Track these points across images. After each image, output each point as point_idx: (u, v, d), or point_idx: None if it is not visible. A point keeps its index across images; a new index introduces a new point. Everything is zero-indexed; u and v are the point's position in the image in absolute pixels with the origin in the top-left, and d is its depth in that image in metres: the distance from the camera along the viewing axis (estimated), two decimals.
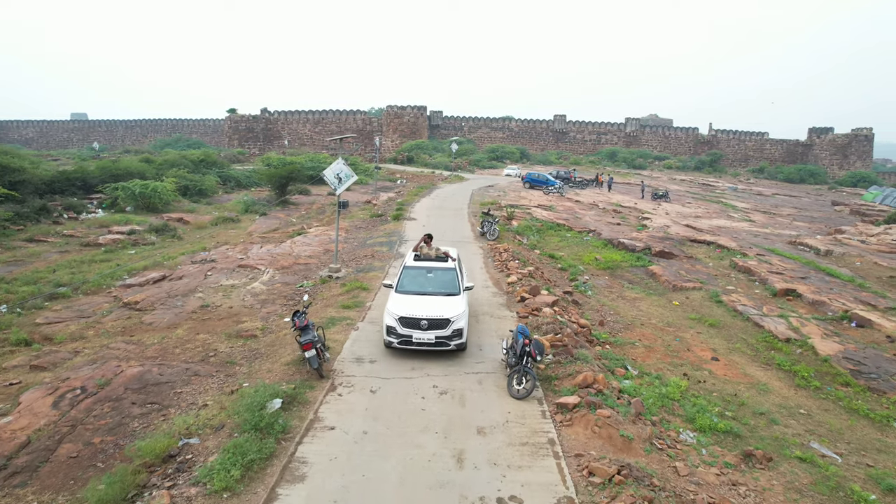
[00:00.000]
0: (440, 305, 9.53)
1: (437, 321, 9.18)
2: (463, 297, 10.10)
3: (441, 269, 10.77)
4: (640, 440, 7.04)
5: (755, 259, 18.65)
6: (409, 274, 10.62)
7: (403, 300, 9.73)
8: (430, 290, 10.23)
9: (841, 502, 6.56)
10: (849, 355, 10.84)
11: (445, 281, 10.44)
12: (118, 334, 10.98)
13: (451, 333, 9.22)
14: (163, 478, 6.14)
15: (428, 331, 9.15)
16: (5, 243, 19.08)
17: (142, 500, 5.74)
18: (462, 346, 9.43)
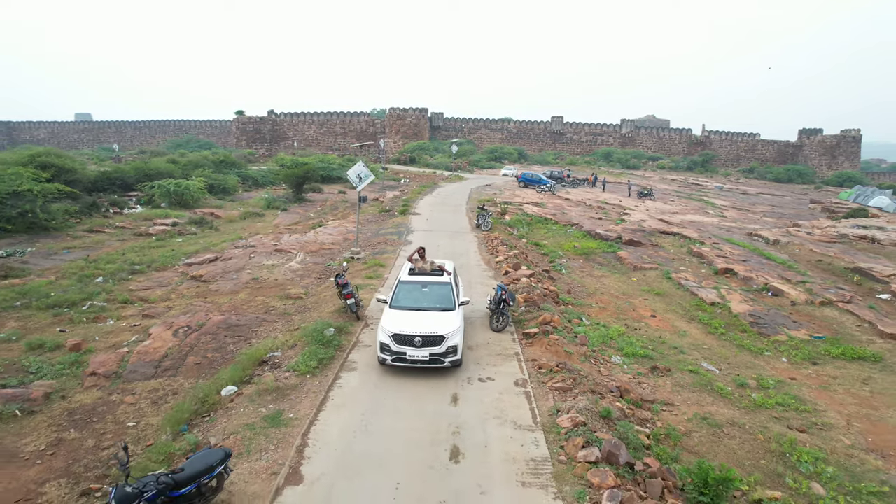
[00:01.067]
0: (435, 322, 9.51)
1: (431, 338, 9.15)
2: (458, 312, 10.05)
3: (436, 284, 10.76)
4: (578, 355, 10.44)
5: (709, 246, 22.05)
6: (403, 289, 10.60)
7: (397, 316, 9.68)
8: (424, 305, 10.18)
9: (706, 391, 9.97)
10: (754, 313, 14.25)
11: (441, 296, 10.41)
12: (194, 297, 14.39)
13: (445, 350, 9.17)
14: (262, 371, 9.55)
15: (422, 348, 9.11)
16: (72, 233, 22.49)
17: (254, 381, 9.14)
18: (457, 362, 9.35)
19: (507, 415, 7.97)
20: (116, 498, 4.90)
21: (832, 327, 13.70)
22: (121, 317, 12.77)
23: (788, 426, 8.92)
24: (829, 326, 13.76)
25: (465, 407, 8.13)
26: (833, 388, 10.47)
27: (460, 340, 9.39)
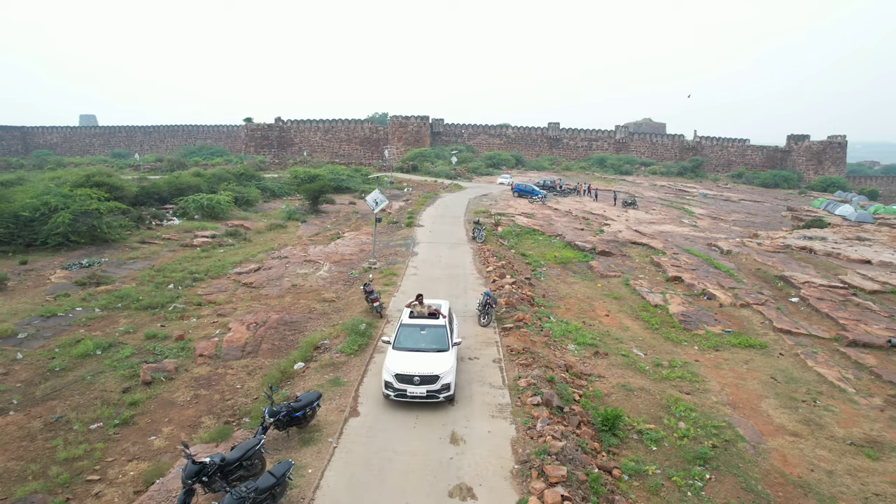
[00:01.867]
0: (431, 362, 10.87)
1: (428, 377, 10.51)
2: (452, 352, 11.40)
3: (432, 326, 12.12)
4: (540, 343, 14.68)
5: (669, 256, 26.28)
6: (404, 331, 11.98)
7: (399, 357, 11.14)
8: (423, 346, 11.54)
9: (630, 368, 14.21)
10: (685, 313, 18.49)
11: (437, 337, 11.76)
12: (251, 300, 18.63)
13: (440, 388, 10.52)
14: (319, 353, 13.77)
15: (420, 385, 10.49)
16: (128, 245, 26.74)
17: (315, 360, 13.37)
18: (450, 397, 10.73)
19: (486, 379, 12.21)
20: (269, 412, 9.14)
21: (742, 324, 17.93)
22: (200, 315, 17.04)
23: (680, 390, 13.16)
24: (740, 323, 18.00)
25: (460, 374, 12.36)
26: (722, 367, 14.71)
27: (453, 378, 10.76)
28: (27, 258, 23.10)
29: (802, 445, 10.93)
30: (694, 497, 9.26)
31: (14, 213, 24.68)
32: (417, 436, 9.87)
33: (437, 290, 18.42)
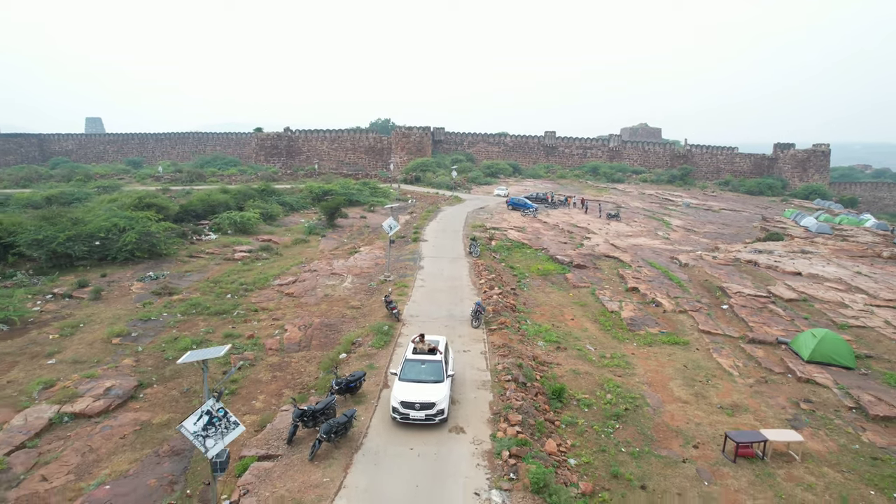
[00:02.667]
0: (429, 392, 13.57)
1: (426, 404, 13.32)
2: (447, 383, 14.01)
3: (431, 362, 14.65)
4: (517, 340, 20.11)
5: (632, 269, 31.70)
6: (408, 365, 14.61)
7: (403, 387, 13.79)
8: (423, 378, 14.08)
9: (581, 359, 19.64)
10: (633, 318, 23.91)
11: (434, 370, 14.36)
12: (295, 307, 24.04)
13: (435, 412, 13.35)
14: (356, 347, 19.21)
15: (420, 410, 13.23)
16: (179, 258, 32.18)
17: (354, 352, 18.80)
18: (444, 419, 13.62)
19: (474, 365, 17.63)
20: (335, 382, 14.59)
21: (676, 326, 23.35)
22: (259, 319, 22.49)
23: (613, 374, 18.59)
24: (675, 326, 23.42)
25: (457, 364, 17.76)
26: (650, 358, 20.13)
27: (447, 405, 13.65)
28: (105, 271, 28.61)
29: (687, 409, 16.37)
30: (605, 437, 14.70)
31: (91, 233, 30.15)
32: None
33: (440, 300, 23.90)
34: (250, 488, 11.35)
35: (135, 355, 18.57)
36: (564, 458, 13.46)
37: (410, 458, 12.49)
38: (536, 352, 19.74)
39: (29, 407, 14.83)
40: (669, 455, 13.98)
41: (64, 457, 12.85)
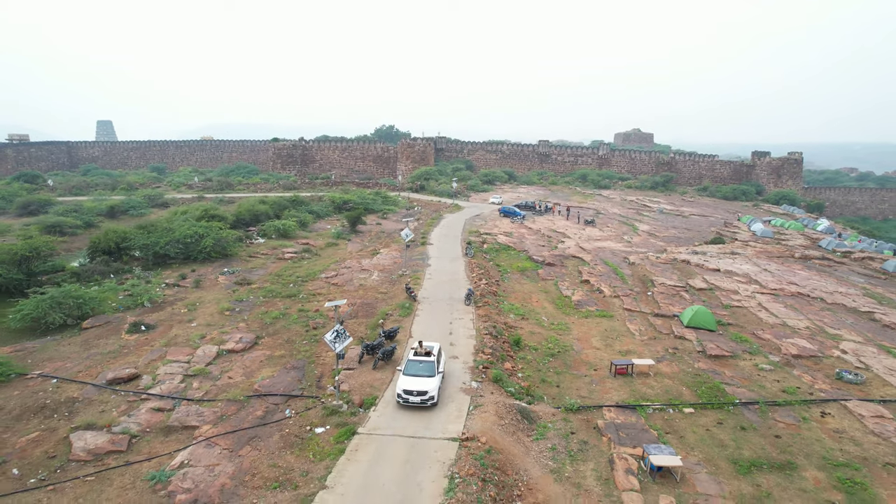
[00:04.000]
0: (423, 383, 19.22)
1: (421, 392, 18.96)
2: (437, 377, 19.54)
3: (426, 362, 20.10)
4: (495, 313, 30.56)
5: (590, 266, 42.10)
6: (409, 364, 20.26)
7: (405, 380, 19.49)
8: (420, 373, 19.69)
9: (538, 325, 30.08)
10: (580, 300, 34.36)
11: (428, 368, 19.94)
12: (340, 293, 34.49)
13: (427, 398, 18.95)
14: (388, 316, 29.65)
15: (416, 396, 18.92)
16: (241, 258, 42.62)
17: (387, 319, 29.24)
18: (434, 403, 19.05)
19: (466, 327, 28.06)
20: (382, 332, 25.08)
21: (609, 306, 33.73)
22: (318, 301, 32.92)
23: (556, 334, 29.00)
24: (608, 305, 33.81)
25: (455, 325, 28.16)
26: (583, 325, 30.51)
27: (437, 393, 19.21)
28: (193, 267, 39.13)
29: (597, 352, 26.78)
30: (542, 364, 25.08)
31: (178, 238, 40.63)
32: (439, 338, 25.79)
33: (443, 287, 34.35)
34: (343, 381, 21.79)
35: (244, 321, 29.03)
36: (515, 372, 23.92)
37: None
38: (507, 320, 30.18)
39: (200, 347, 25.28)
40: (578, 374, 24.41)
41: (234, 370, 23.29)
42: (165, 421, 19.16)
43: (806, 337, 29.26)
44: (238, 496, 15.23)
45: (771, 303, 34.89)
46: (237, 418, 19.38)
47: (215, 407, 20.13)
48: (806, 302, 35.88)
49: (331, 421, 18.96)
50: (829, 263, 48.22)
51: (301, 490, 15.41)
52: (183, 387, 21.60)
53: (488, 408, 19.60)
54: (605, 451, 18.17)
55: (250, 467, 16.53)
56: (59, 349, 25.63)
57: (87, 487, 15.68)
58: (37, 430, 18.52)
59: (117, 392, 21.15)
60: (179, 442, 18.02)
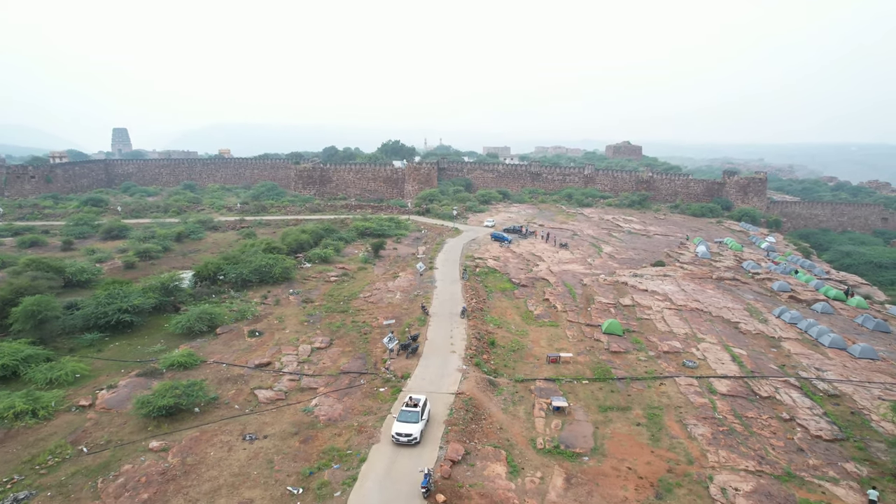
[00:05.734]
0: (410, 427, 28.23)
1: (407, 434, 27.91)
2: (421, 423, 28.54)
3: (413, 412, 28.91)
4: (480, 324, 48.01)
5: (552, 287, 59.45)
6: (401, 413, 29.12)
7: (397, 424, 28.45)
8: (408, 420, 28.57)
9: (507, 331, 47.52)
10: (539, 314, 51.81)
11: (414, 416, 28.73)
12: (375, 309, 51.87)
13: (412, 439, 27.90)
14: (411, 325, 47.07)
15: (404, 437, 27.81)
16: (297, 281, 60.03)
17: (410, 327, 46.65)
18: (417, 442, 28.22)
19: (461, 334, 45.45)
20: (410, 336, 42.53)
21: (558, 317, 51.06)
22: (362, 314, 50.35)
23: (519, 337, 46.36)
24: (557, 317, 51.15)
25: (454, 332, 45.51)
26: (538, 332, 47.82)
27: (419, 434, 28.30)
28: (268, 290, 56.57)
29: (542, 349, 44.15)
30: (507, 356, 42.47)
31: (256, 268, 57.99)
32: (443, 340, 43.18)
33: (446, 305, 51.68)
34: (390, 364, 39.20)
35: (319, 329, 46.43)
36: (489, 360, 41.32)
37: (438, 359, 40.32)
38: (488, 328, 47.57)
39: (299, 346, 42.68)
40: (527, 362, 41.80)
41: (324, 359, 40.70)
42: (298, 385, 36.61)
43: (680, 340, 46.64)
44: (348, 417, 32.62)
45: (671, 316, 52.27)
46: (336, 384, 36.84)
47: (322, 379, 37.58)
48: (697, 315, 53.24)
49: (387, 386, 36.38)
50: (737, 283, 65.52)
51: (377, 415, 32.76)
52: (300, 368, 39.09)
53: (471, 379, 37.01)
54: (531, 401, 35.61)
55: (350, 406, 33.93)
56: (211, 347, 43.13)
57: (274, 414, 33.11)
58: (233, 389, 35.97)
59: (264, 371, 38.63)
60: (310, 395, 35.45)
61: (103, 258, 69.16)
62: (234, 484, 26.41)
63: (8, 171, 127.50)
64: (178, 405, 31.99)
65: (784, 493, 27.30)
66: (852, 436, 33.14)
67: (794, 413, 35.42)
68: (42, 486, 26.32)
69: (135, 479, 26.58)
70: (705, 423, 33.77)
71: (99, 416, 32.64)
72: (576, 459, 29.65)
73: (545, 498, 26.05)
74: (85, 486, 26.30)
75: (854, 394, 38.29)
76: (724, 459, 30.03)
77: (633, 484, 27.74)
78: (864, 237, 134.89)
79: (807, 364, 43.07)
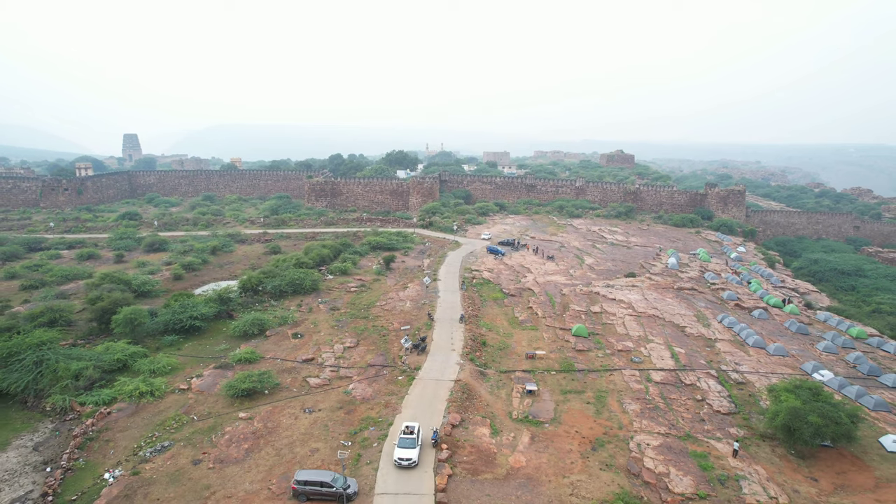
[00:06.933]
0: (408, 452, 35.76)
1: (406, 458, 35.45)
2: (417, 448, 36.06)
3: (410, 439, 36.42)
4: (474, 328, 61.35)
5: (536, 296, 72.73)
6: (400, 440, 36.61)
7: (398, 450, 36.02)
8: (406, 446, 36.11)
9: (497, 334, 60.85)
10: (523, 320, 65.17)
11: (411, 443, 36.26)
12: (390, 316, 65.20)
13: (411, 462, 35.41)
14: (420, 329, 60.37)
15: (405, 461, 35.37)
16: (323, 290, 73.38)
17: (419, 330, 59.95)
18: (415, 465, 35.62)
19: (459, 336, 58.77)
20: (420, 337, 55.86)
21: (538, 323, 64.31)
22: (380, 319, 63.69)
23: (505, 339, 59.64)
24: (538, 321, 64.40)
25: (454, 334, 58.73)
26: (521, 334, 61.12)
27: (416, 456, 35.92)
28: (302, 299, 69.92)
29: (523, 348, 57.42)
30: (496, 353, 55.78)
31: (290, 281, 71.32)
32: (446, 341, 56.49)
33: (447, 312, 64.96)
34: (406, 359, 52.50)
35: (347, 332, 59.73)
36: (480, 357, 54.63)
37: (442, 356, 53.63)
38: (481, 331, 60.86)
39: (334, 345, 56.01)
40: (510, 358, 55.10)
41: (355, 355, 54.04)
42: (337, 375, 49.95)
43: (633, 341, 59.86)
44: (377, 397, 45.93)
45: (630, 321, 65.50)
46: (365, 374, 50.14)
47: (355, 370, 50.88)
48: (653, 320, 66.44)
49: (404, 375, 49.64)
50: (694, 293, 78.73)
51: (398, 395, 46.01)
52: (337, 362, 52.42)
53: (466, 370, 50.27)
54: (511, 386, 48.91)
55: (377, 389, 47.23)
56: (265, 346, 56.46)
57: (323, 395, 46.44)
58: (290, 377, 49.31)
59: (309, 364, 51.94)
60: (347, 382, 48.76)
61: (154, 270, 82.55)
62: (303, 440, 39.76)
63: (44, 184, 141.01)
64: (253, 388, 45.36)
65: (681, 446, 40.57)
66: (743, 410, 46.44)
67: (706, 395, 48.69)
68: (174, 439, 39.76)
69: (236, 436, 39.99)
70: (638, 402, 47.05)
71: (196, 396, 46.07)
72: (539, 425, 42.96)
73: (515, 448, 39.35)
74: (204, 439, 39.71)
75: (757, 381, 51.53)
76: (644, 426, 43.32)
77: (578, 441, 41.03)
78: (836, 244, 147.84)
79: (729, 360, 56.31)
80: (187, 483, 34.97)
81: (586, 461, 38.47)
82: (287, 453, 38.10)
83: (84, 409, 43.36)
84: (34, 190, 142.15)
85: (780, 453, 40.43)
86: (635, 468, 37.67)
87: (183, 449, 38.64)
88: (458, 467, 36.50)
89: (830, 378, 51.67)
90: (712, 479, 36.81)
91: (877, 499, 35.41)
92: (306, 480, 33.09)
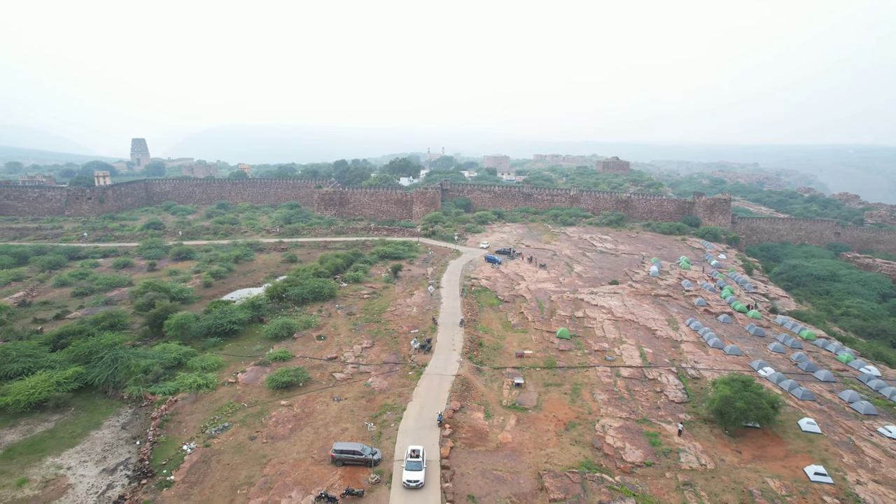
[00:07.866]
0: (415, 474, 41.22)
1: (414, 480, 40.83)
2: (422, 471, 41.41)
3: (416, 461, 41.97)
4: (474, 330, 72.21)
5: (527, 302, 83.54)
6: (407, 462, 42.02)
7: (405, 472, 41.53)
8: (413, 468, 41.56)
9: (493, 336, 71.74)
10: (514, 323, 76.05)
11: (417, 465, 41.69)
12: (400, 320, 76.02)
13: (418, 484, 40.76)
14: (425, 331, 71.20)
15: (413, 482, 40.74)
16: (339, 297, 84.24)
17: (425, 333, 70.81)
18: (421, 485, 40.68)
19: (459, 337, 69.60)
20: (426, 339, 66.76)
21: (528, 326, 75.07)
22: (390, 323, 74.55)
23: (498, 340, 70.48)
24: (528, 325, 75.16)
25: (455, 337, 69.51)
26: (513, 336, 71.96)
27: (423, 477, 41.33)
28: (320, 304, 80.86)
29: (514, 348, 68.27)
30: (491, 352, 66.63)
31: (311, 289, 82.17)
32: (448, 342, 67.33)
33: (449, 317, 75.82)
34: (415, 357, 63.36)
35: (364, 335, 70.59)
36: (477, 355, 65.48)
37: (444, 355, 64.45)
38: (478, 334, 71.67)
39: (353, 346, 66.88)
40: (502, 356, 65.92)
41: (371, 354, 64.89)
42: (358, 370, 60.84)
43: (609, 342, 70.64)
44: (392, 388, 56.80)
45: (608, 325, 76.27)
46: (381, 370, 61.00)
47: (372, 367, 61.72)
48: (628, 324, 77.21)
49: (413, 371, 60.47)
50: (669, 299, 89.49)
51: (409, 387, 56.84)
52: (357, 360, 63.26)
53: (465, 367, 61.08)
54: (502, 380, 59.76)
55: (392, 382, 58.09)
56: (294, 347, 67.32)
57: (347, 387, 57.32)
58: (318, 372, 60.19)
59: (333, 362, 62.83)
60: (366, 377, 59.61)
61: (186, 278, 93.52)
62: (335, 421, 50.61)
63: (69, 194, 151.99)
64: (290, 381, 56.17)
65: (637, 427, 51.36)
66: (693, 400, 57.22)
67: (665, 388, 59.47)
68: (231, 421, 50.64)
69: (280, 419, 50.86)
70: (606, 393, 57.84)
71: (243, 388, 56.94)
72: (524, 411, 53.76)
73: (504, 429, 50.17)
74: (255, 421, 50.58)
75: (709, 377, 62.30)
76: (609, 412, 54.11)
77: (554, 423, 51.83)
78: (817, 250, 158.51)
79: (690, 358, 67.08)
80: (248, 453, 45.85)
81: (560, 438, 49.31)
82: (323, 431, 48.97)
83: (155, 398, 54.22)
84: (59, 199, 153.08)
85: (716, 433, 51.24)
86: (598, 444, 48.52)
87: (240, 428, 49.50)
88: (458, 442, 47.37)
89: (772, 374, 62.46)
90: (659, 452, 47.62)
91: (783, 465, 46.27)
92: (342, 450, 43.97)
